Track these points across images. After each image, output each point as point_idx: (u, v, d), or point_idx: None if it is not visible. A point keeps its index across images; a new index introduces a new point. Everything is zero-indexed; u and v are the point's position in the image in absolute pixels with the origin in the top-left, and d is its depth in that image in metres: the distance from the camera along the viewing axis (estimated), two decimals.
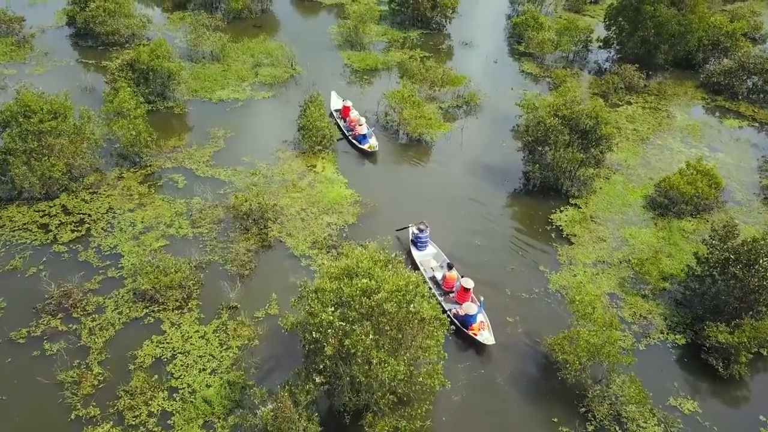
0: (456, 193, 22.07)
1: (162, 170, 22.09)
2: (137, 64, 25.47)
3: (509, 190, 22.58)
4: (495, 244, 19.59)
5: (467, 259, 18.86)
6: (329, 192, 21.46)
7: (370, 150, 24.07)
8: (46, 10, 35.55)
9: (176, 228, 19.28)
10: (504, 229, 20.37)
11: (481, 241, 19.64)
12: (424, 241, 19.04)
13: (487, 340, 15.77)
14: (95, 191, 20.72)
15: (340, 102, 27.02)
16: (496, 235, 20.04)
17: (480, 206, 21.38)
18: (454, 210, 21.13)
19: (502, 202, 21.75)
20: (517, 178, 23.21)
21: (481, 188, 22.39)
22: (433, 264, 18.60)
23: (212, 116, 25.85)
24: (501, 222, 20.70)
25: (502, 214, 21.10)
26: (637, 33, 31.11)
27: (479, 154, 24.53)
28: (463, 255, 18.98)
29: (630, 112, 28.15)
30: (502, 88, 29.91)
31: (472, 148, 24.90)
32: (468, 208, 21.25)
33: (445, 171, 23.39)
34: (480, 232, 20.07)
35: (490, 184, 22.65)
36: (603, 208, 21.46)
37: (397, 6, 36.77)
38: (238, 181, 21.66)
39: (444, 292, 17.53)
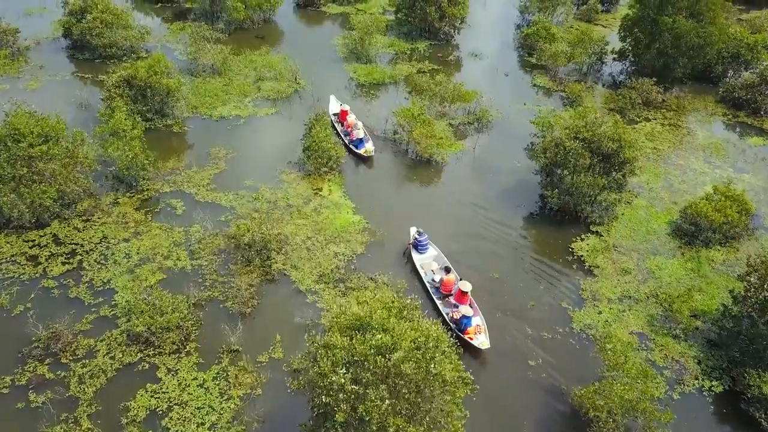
0: (469, 219, 20.89)
1: (160, 194, 20.94)
2: (134, 81, 24.34)
3: (526, 214, 21.38)
4: (514, 277, 18.39)
5: (486, 293, 17.66)
6: (336, 218, 20.29)
7: (366, 154, 23.71)
8: (42, 20, 34.51)
9: (174, 260, 18.11)
10: (522, 260, 19.17)
11: (499, 273, 18.44)
12: (425, 244, 18.95)
13: (483, 344, 15.74)
14: (89, 218, 19.57)
15: (338, 106, 26.72)
16: (515, 267, 18.84)
17: (495, 234, 20.18)
18: (468, 240, 19.93)
19: (520, 230, 20.54)
20: (533, 201, 22.03)
21: (496, 213, 21.19)
22: (434, 267, 18.55)
23: (213, 135, 24.72)
24: (519, 252, 19.50)
25: (520, 244, 19.89)
26: (654, 45, 29.92)
27: (493, 175, 23.34)
28: (481, 289, 17.77)
29: (649, 129, 26.95)
30: (514, 103, 28.74)
31: (485, 169, 23.71)
32: (483, 237, 20.04)
33: (458, 194, 22.18)
34: (497, 264, 18.86)
35: (505, 209, 21.46)
36: (626, 236, 20.26)
37: (403, 16, 35.65)
38: (240, 207, 20.50)
39: (442, 296, 17.48)
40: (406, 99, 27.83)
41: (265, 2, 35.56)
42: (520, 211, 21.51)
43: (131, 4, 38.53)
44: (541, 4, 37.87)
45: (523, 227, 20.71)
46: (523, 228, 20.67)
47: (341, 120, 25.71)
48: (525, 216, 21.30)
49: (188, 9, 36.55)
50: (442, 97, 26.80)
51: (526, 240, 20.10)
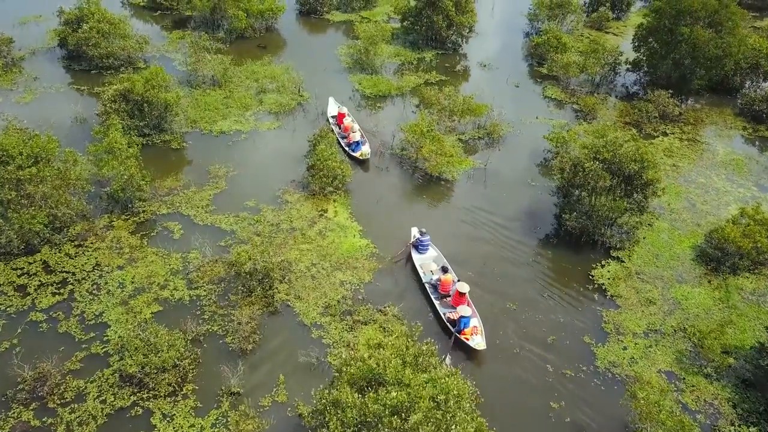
0: (483, 243, 19.79)
1: (156, 217, 19.88)
2: (131, 95, 23.33)
3: (542, 237, 20.29)
4: (532, 308, 17.29)
5: (503, 326, 16.59)
6: (342, 243, 19.23)
7: (362, 158, 23.55)
8: (38, 29, 33.47)
9: (171, 290, 17.04)
10: (540, 288, 18.09)
11: (516, 303, 17.36)
12: (426, 245, 18.95)
13: (478, 345, 15.69)
14: (81, 243, 18.52)
15: (336, 108, 26.56)
16: (532, 296, 17.75)
17: (511, 259, 19.11)
18: (483, 265, 18.86)
19: (536, 254, 19.44)
20: (549, 223, 20.95)
21: (511, 237, 20.11)
22: (433, 267, 18.53)
23: (213, 151, 23.68)
24: (536, 279, 18.41)
25: (537, 269, 18.80)
26: (670, 56, 28.87)
27: (506, 195, 22.25)
28: (498, 321, 16.72)
29: (667, 145, 25.87)
30: (526, 116, 27.67)
31: (497, 188, 22.63)
32: (498, 262, 18.97)
33: (470, 216, 21.09)
34: (514, 292, 17.78)
35: (520, 232, 20.38)
36: (649, 262, 19.17)
37: (409, 24, 34.63)
38: (241, 231, 19.45)
39: (440, 296, 17.45)
40: (413, 113, 26.78)
41: (267, 10, 34.60)
42: (536, 233, 20.42)
43: (130, 11, 37.56)
44: (550, 12, 36.83)
45: (540, 251, 19.63)
46: (540, 252, 19.59)
47: (339, 122, 25.44)
48: (541, 238, 20.21)
49: (188, 17, 35.46)
50: (451, 110, 25.75)
51: (543, 266, 19.01)
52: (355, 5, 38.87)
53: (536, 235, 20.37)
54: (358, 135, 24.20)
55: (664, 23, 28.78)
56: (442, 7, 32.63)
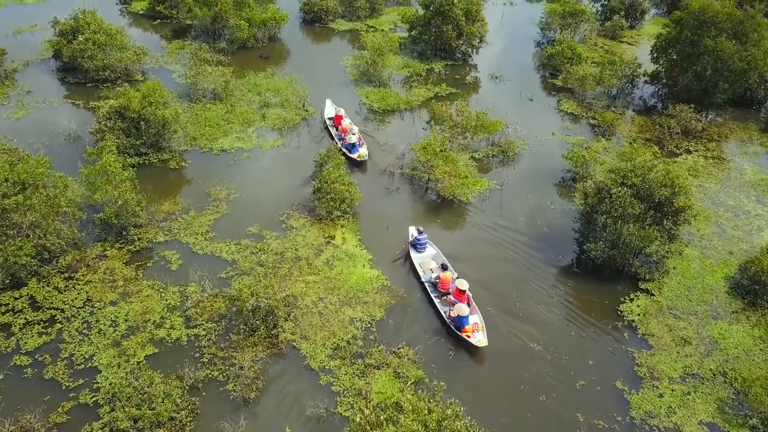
0: (502, 273, 18.50)
1: (153, 245, 18.61)
2: (127, 112, 22.11)
3: (564, 266, 19.01)
4: (558, 347, 15.96)
5: (527, 369, 15.30)
6: (351, 274, 17.94)
7: (360, 159, 23.35)
8: (32, 39, 32.30)
9: (167, 329, 15.77)
10: (565, 324, 16.78)
11: (541, 343, 16.05)
12: (424, 243, 18.89)
13: (480, 342, 15.59)
14: (71, 275, 17.24)
15: (333, 110, 26.29)
16: (557, 334, 16.43)
17: (532, 292, 17.80)
18: (502, 298, 17.54)
19: (559, 287, 18.12)
20: (571, 250, 19.66)
21: (531, 266, 18.82)
22: (432, 265, 18.29)
23: (213, 171, 22.41)
24: (561, 315, 17.10)
25: (561, 305, 17.49)
26: (691, 68, 27.59)
27: (524, 219, 20.97)
28: (523, 363, 15.43)
29: (691, 163, 24.58)
30: (541, 132, 26.39)
31: (514, 211, 21.35)
32: (519, 295, 17.64)
33: (486, 242, 19.81)
34: (537, 331, 16.45)
35: (541, 260, 19.09)
36: (681, 296, 17.86)
37: (417, 34, 33.41)
38: (243, 260, 18.18)
39: (440, 293, 17.29)
40: (424, 129, 25.51)
41: (270, 19, 33.40)
42: (557, 262, 19.12)
43: (128, 20, 36.42)
44: (563, 21, 35.59)
45: (563, 282, 18.33)
46: (563, 283, 18.29)
47: (336, 124, 25.20)
48: (563, 267, 18.92)
49: (188, 26, 34.27)
50: (464, 127, 24.48)
51: (568, 299, 17.70)
52: (360, 14, 37.68)
53: (558, 263, 19.08)
54: (355, 137, 23.86)
55: (686, 34, 27.51)
56: (452, 16, 31.44)
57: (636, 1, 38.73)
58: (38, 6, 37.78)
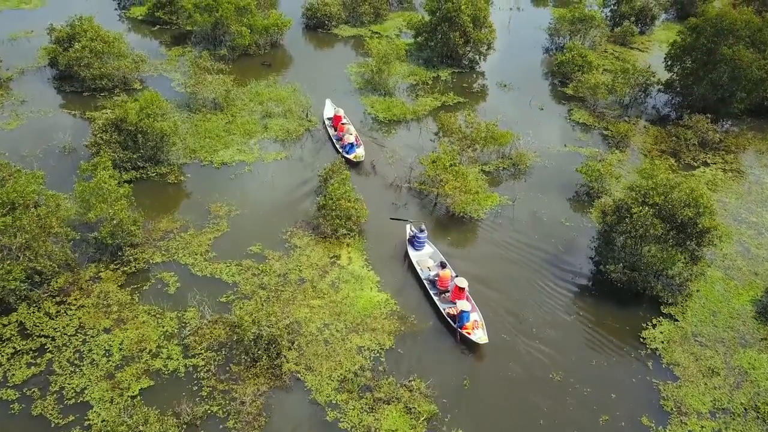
0: (517, 297, 17.58)
1: (149, 267, 17.71)
2: (124, 125, 21.25)
3: (581, 287, 18.11)
4: (578, 378, 15.04)
5: (544, 402, 14.39)
6: (358, 297, 17.05)
7: (356, 160, 23.16)
8: (28, 46, 31.38)
9: (164, 359, 14.87)
10: (585, 353, 15.86)
11: (561, 374, 15.14)
12: (422, 241, 18.85)
13: (481, 339, 15.64)
14: (63, 300, 16.36)
15: (332, 110, 26.17)
16: (577, 362, 15.52)
17: (549, 316, 16.88)
18: (519, 325, 16.64)
19: (577, 311, 17.20)
20: (588, 270, 18.77)
21: (546, 288, 17.91)
22: (429, 263, 18.26)
23: (213, 186, 21.53)
24: (579, 341, 16.20)
25: (580, 330, 16.58)
26: (707, 76, 26.70)
27: (537, 237, 20.04)
28: (540, 394, 14.53)
29: (710, 177, 23.67)
30: (553, 144, 25.50)
31: (527, 228, 20.44)
32: (536, 321, 16.71)
33: (499, 262, 18.90)
34: (555, 358, 15.55)
35: (556, 282, 18.19)
36: (705, 321, 16.95)
37: (423, 40, 32.54)
38: (244, 283, 17.28)
39: (439, 292, 17.31)
40: (431, 141, 24.62)
41: (272, 25, 32.54)
42: (574, 284, 18.22)
43: (127, 25, 35.56)
44: (572, 27, 34.71)
45: (581, 306, 17.42)
46: (581, 307, 17.38)
47: (334, 124, 25.22)
48: (581, 290, 18.01)
49: (189, 32, 33.41)
50: (473, 139, 23.57)
51: (586, 324, 16.79)
52: (364, 19, 36.78)
53: (575, 285, 18.18)
54: (353, 138, 23.71)
55: (702, 42, 26.62)
56: (459, 22, 30.58)
57: (646, 6, 37.90)
58: (35, 11, 37.02)
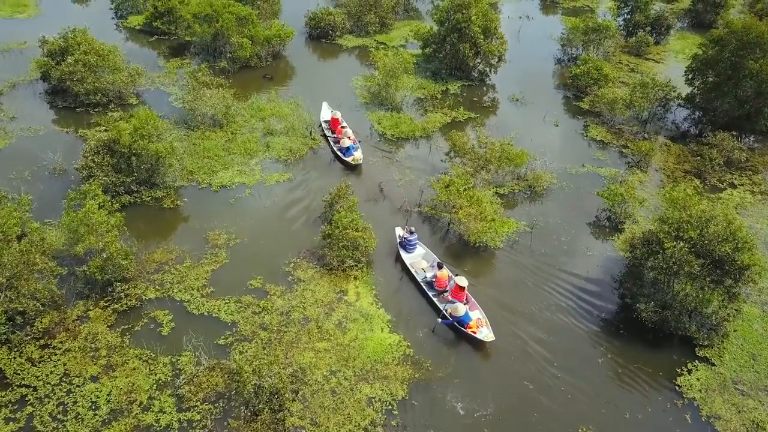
0: (535, 335, 16.21)
1: (142, 304, 16.42)
2: (117, 146, 20.00)
3: (608, 325, 16.75)
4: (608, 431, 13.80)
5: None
6: (368, 339, 15.71)
7: (354, 163, 23.09)
8: (21, 58, 30.21)
9: (156, 412, 13.54)
10: (616, 400, 14.49)
11: (588, 428, 13.80)
12: (414, 244, 18.72)
13: (487, 337, 15.57)
14: (48, 342, 15.06)
15: (329, 113, 25.96)
16: (609, 416, 14.13)
17: (574, 361, 15.53)
18: (539, 369, 15.26)
19: (603, 353, 15.83)
20: (614, 305, 17.44)
21: (571, 327, 16.57)
22: (423, 265, 18.21)
23: (212, 211, 20.23)
24: (610, 389, 14.81)
25: (609, 376, 15.19)
26: (732, 92, 25.38)
27: (558, 268, 18.68)
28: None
29: (738, 200, 22.33)
30: (571, 163, 24.16)
31: (547, 259, 19.07)
32: (559, 367, 15.35)
33: (518, 295, 17.53)
34: (582, 410, 14.18)
35: (581, 319, 16.83)
36: (745, 365, 15.60)
37: (431, 52, 31.29)
38: (244, 323, 15.96)
39: (438, 292, 17.17)
40: (443, 161, 23.31)
41: (274, 36, 31.33)
42: (600, 321, 16.88)
43: (124, 35, 34.40)
44: (585, 38, 33.45)
45: (609, 348, 16.04)
46: (609, 349, 16.01)
47: (331, 127, 25.04)
48: (608, 329, 16.62)
49: (188, 42, 32.20)
50: (487, 159, 22.27)
51: (616, 370, 15.41)
52: (370, 29, 35.56)
53: (602, 323, 16.83)
54: (350, 140, 23.62)
55: (726, 55, 25.31)
56: (470, 33, 29.32)
57: (662, 15, 36.62)
58: (30, 20, 35.87)
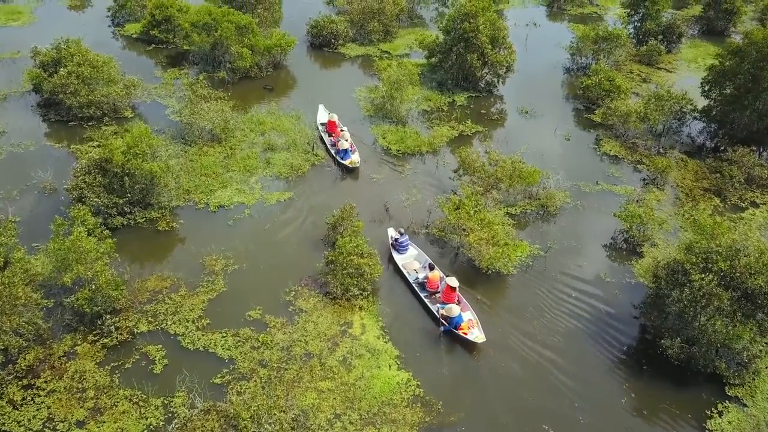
0: (551, 369, 15.18)
1: (134, 339, 15.39)
2: (109, 166, 19.01)
3: (629, 358, 15.69)
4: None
5: None
6: (374, 378, 14.67)
7: (351, 166, 22.89)
8: (13, 68, 29.31)
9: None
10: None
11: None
12: (405, 245, 18.70)
13: (478, 338, 15.53)
14: (32, 382, 14.04)
15: (326, 115, 25.79)
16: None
17: (595, 400, 14.47)
18: (559, 407, 14.22)
19: (626, 391, 14.76)
20: (634, 337, 16.43)
21: (591, 362, 15.55)
22: (416, 266, 18.26)
23: (209, 233, 19.24)
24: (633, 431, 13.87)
25: (633, 417, 14.11)
26: (752, 105, 24.36)
27: (575, 295, 17.64)
28: None
29: (761, 220, 21.30)
30: (584, 180, 23.09)
31: (562, 286, 18.00)
32: (581, 407, 14.28)
33: (534, 325, 16.45)
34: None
35: (601, 354, 15.77)
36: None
37: (437, 62, 30.31)
38: (242, 359, 14.91)
39: (429, 293, 17.20)
40: (451, 179, 22.29)
41: (275, 45, 30.35)
42: (621, 354, 15.81)
43: (121, 43, 33.48)
44: (595, 46, 32.46)
45: (632, 386, 14.98)
46: (632, 387, 14.93)
47: (328, 130, 24.95)
48: (631, 364, 15.55)
49: (186, 51, 31.25)
50: (498, 178, 21.25)
51: (641, 411, 14.30)
52: (373, 37, 34.58)
53: (624, 357, 15.79)
54: (348, 143, 23.33)
55: (746, 67, 24.30)
56: (477, 43, 28.34)
57: (673, 23, 35.63)
58: (24, 28, 34.97)
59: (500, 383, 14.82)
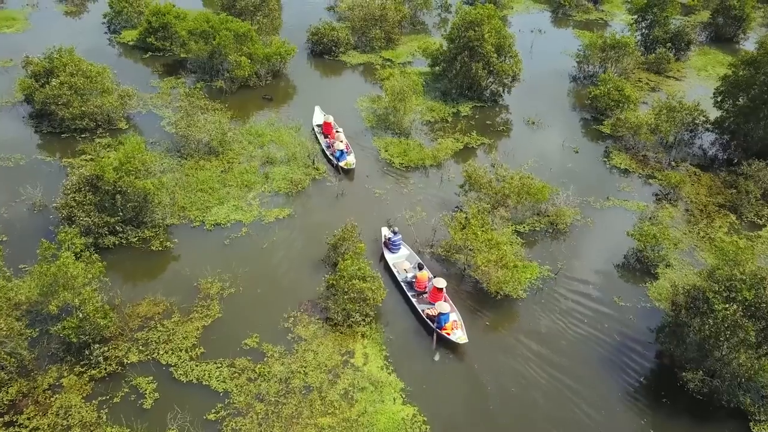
0: (566, 401, 14.37)
1: (123, 370, 14.57)
2: (101, 183, 18.21)
3: (647, 390, 14.88)
4: None
5: None
6: (378, 413, 13.83)
7: (347, 167, 22.85)
8: (7, 77, 28.33)
9: None
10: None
11: None
12: (398, 244, 18.72)
13: (460, 339, 15.60)
14: (14, 418, 13.23)
15: (322, 117, 25.78)
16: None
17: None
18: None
19: (646, 427, 13.98)
20: (651, 367, 15.59)
21: (607, 394, 14.73)
22: (406, 265, 18.31)
23: (204, 254, 18.41)
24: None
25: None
26: (766, 117, 23.55)
27: (587, 321, 16.79)
28: None
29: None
30: (594, 194, 22.29)
31: (574, 311, 17.16)
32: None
33: (546, 353, 15.67)
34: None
35: (618, 385, 14.98)
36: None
37: (441, 71, 29.52)
38: (238, 392, 14.08)
39: (417, 293, 17.22)
40: (456, 194, 21.47)
41: (274, 54, 29.55)
42: (638, 385, 15.00)
43: (117, 51, 32.65)
44: (603, 55, 31.65)
45: (652, 422, 14.12)
46: (652, 423, 14.09)
47: (324, 132, 25.00)
48: (649, 397, 14.73)
49: (183, 59, 30.47)
50: (505, 194, 20.43)
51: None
52: (375, 45, 33.74)
53: (642, 389, 14.95)
54: (343, 145, 23.32)
55: (761, 78, 23.49)
56: (482, 51, 27.53)
57: (682, 30, 34.82)
58: (18, 35, 34.16)
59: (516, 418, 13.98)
